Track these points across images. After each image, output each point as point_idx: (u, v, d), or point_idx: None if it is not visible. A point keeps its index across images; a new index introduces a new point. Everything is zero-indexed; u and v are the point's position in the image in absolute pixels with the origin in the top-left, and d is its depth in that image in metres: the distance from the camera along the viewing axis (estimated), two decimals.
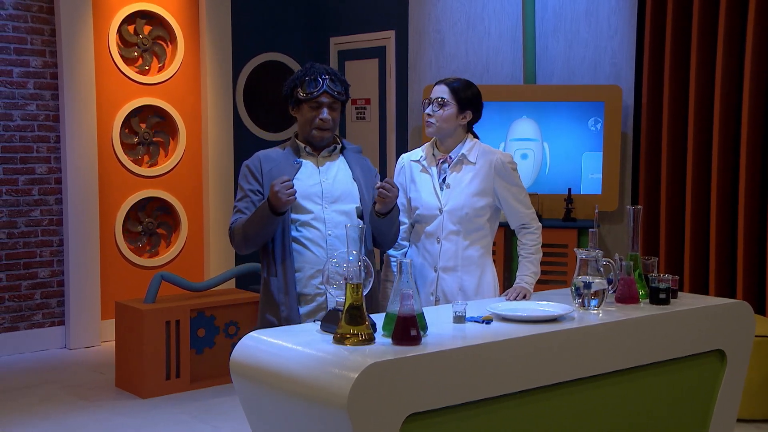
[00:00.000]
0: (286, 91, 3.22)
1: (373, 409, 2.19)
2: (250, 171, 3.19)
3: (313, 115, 3.15)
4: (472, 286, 3.32)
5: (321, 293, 3.14)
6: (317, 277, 3.12)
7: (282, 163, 3.17)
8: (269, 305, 3.16)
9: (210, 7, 6.79)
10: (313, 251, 3.13)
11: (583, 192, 5.87)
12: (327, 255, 3.11)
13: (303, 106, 3.17)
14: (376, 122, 7.07)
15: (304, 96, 3.14)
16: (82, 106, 6.18)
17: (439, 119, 3.29)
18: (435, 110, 3.29)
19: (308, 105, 3.16)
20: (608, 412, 2.79)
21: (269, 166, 3.17)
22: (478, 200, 3.30)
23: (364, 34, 7.09)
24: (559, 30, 6.10)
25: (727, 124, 5.27)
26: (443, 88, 3.31)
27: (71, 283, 6.18)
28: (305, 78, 3.15)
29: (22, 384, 5.35)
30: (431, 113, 3.29)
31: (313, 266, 3.13)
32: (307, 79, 3.15)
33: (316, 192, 3.16)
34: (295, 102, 3.19)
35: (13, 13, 6.01)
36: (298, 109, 3.20)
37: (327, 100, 3.15)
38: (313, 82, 3.14)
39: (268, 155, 3.22)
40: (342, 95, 3.20)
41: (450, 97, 3.29)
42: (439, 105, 3.29)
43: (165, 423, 4.65)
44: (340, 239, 3.12)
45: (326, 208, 3.15)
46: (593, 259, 2.87)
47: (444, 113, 3.29)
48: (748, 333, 3.17)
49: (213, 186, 6.84)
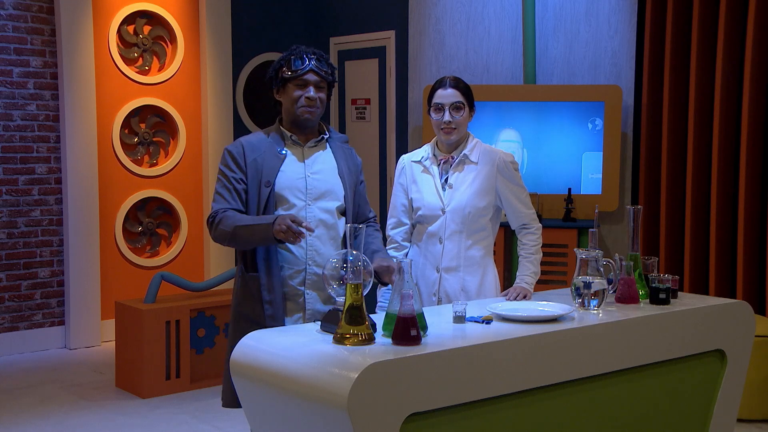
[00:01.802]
0: (271, 73, 3.10)
1: (373, 409, 2.19)
2: (232, 158, 3.05)
3: (300, 93, 3.04)
4: (474, 287, 3.32)
5: (299, 294, 3.06)
6: (296, 278, 3.04)
7: (266, 153, 3.05)
8: (250, 303, 3.05)
9: (210, 7, 6.79)
10: (293, 251, 3.04)
11: (583, 192, 5.87)
12: (306, 255, 3.03)
13: (288, 85, 3.04)
14: (376, 122, 7.07)
15: (290, 75, 3.02)
16: (82, 106, 6.18)
17: (459, 124, 3.29)
18: (455, 116, 3.28)
19: (294, 83, 3.03)
20: (608, 412, 2.79)
21: (253, 156, 3.04)
22: (481, 200, 3.30)
23: (364, 34, 7.09)
24: (559, 30, 6.10)
25: (727, 124, 5.27)
26: (455, 92, 3.29)
27: (71, 283, 6.18)
28: (290, 57, 3.04)
29: (22, 384, 5.36)
30: (451, 120, 3.28)
31: (292, 266, 3.04)
32: (292, 57, 3.04)
33: (300, 186, 3.06)
34: (280, 82, 3.06)
35: (13, 13, 6.01)
36: (283, 91, 3.07)
37: (314, 78, 3.04)
38: (299, 60, 3.04)
39: (251, 143, 3.07)
40: (329, 75, 3.09)
41: (463, 99, 3.29)
42: (457, 109, 3.28)
43: (165, 423, 4.65)
44: (321, 239, 3.05)
45: (309, 205, 3.06)
46: (593, 259, 2.87)
47: (462, 117, 3.29)
48: (748, 333, 3.17)
49: (213, 186, 6.83)
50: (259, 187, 3.03)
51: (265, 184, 3.02)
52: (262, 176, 3.03)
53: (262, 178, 3.02)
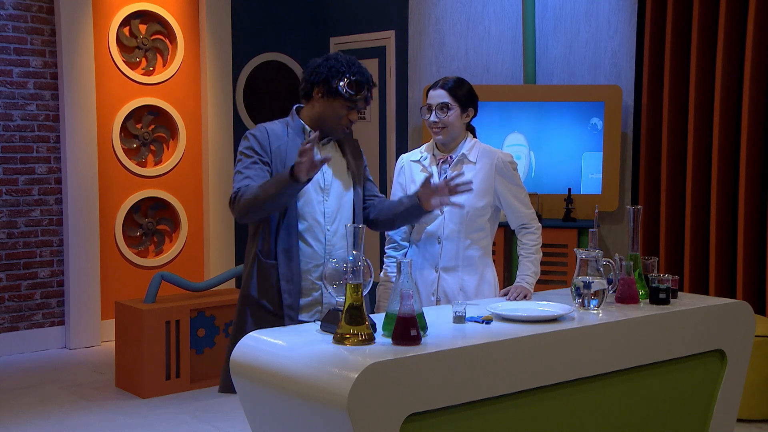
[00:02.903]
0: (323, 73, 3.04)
1: (373, 409, 2.19)
2: (257, 141, 3.03)
3: (345, 113, 3.06)
4: (472, 286, 3.32)
5: (317, 288, 3.07)
6: (314, 272, 3.06)
7: (290, 143, 3.06)
8: (266, 290, 3.04)
9: (210, 7, 6.79)
10: (312, 245, 3.05)
11: (583, 192, 5.87)
12: (325, 250, 3.05)
13: (338, 100, 3.04)
14: (376, 122, 7.07)
15: (346, 93, 3.01)
16: (82, 106, 6.18)
17: (447, 124, 3.29)
18: (440, 116, 3.28)
19: (344, 102, 3.04)
20: (608, 412, 2.79)
21: (277, 143, 3.05)
22: (479, 200, 3.30)
23: (364, 34, 7.09)
24: (559, 30, 6.10)
25: (727, 124, 5.27)
26: (441, 92, 3.29)
27: (71, 283, 6.18)
28: (353, 77, 3.03)
29: (22, 384, 5.36)
30: (437, 120, 3.29)
31: (310, 260, 3.05)
32: (355, 79, 3.03)
33: (318, 180, 3.07)
34: (328, 91, 3.03)
35: (13, 13, 6.01)
36: (328, 99, 3.04)
37: (363, 106, 3.09)
38: (362, 87, 3.05)
39: (274, 131, 3.07)
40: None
41: (451, 100, 3.29)
42: (443, 110, 3.28)
43: (165, 423, 4.65)
44: (337, 235, 3.07)
45: (326, 201, 3.09)
46: (593, 259, 2.87)
47: (450, 117, 3.29)
48: (748, 333, 3.17)
49: (213, 186, 6.84)
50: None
51: None
52: (285, 165, 3.01)
53: (285, 167, 3.00)
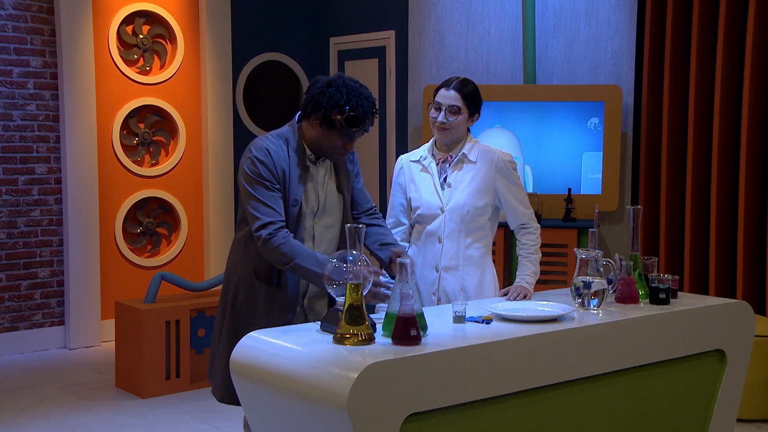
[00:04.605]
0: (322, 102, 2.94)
1: (373, 409, 2.19)
2: (267, 168, 2.95)
3: (342, 143, 2.99)
4: (473, 286, 3.33)
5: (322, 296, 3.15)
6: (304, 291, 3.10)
7: (291, 168, 3.01)
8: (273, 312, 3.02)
9: (210, 7, 6.79)
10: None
11: (583, 192, 5.87)
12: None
13: (334, 132, 2.96)
14: (376, 122, 7.05)
15: (341, 126, 2.93)
16: (82, 106, 6.18)
17: (453, 126, 3.29)
18: (449, 118, 3.28)
19: (341, 133, 2.96)
20: (608, 412, 2.79)
21: (282, 167, 2.98)
22: (479, 199, 3.31)
23: (364, 34, 7.09)
24: (559, 30, 6.10)
25: (727, 124, 5.27)
26: (455, 95, 3.28)
27: (71, 283, 6.18)
28: (352, 112, 2.92)
29: (22, 384, 5.35)
30: (445, 121, 3.28)
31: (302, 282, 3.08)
32: (354, 114, 2.92)
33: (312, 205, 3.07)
34: (326, 121, 2.94)
35: (13, 13, 6.01)
36: (326, 127, 2.96)
37: (360, 136, 3.02)
38: (358, 121, 2.94)
39: (277, 153, 2.99)
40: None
41: (463, 105, 3.29)
42: (453, 113, 3.28)
43: (165, 423, 4.65)
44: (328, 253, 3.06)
45: (316, 223, 3.08)
46: (593, 259, 2.88)
47: (458, 121, 3.29)
48: (748, 333, 3.17)
49: (213, 186, 6.84)
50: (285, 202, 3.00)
51: (292, 204, 3.00)
52: (288, 193, 2.99)
53: (289, 195, 2.99)
